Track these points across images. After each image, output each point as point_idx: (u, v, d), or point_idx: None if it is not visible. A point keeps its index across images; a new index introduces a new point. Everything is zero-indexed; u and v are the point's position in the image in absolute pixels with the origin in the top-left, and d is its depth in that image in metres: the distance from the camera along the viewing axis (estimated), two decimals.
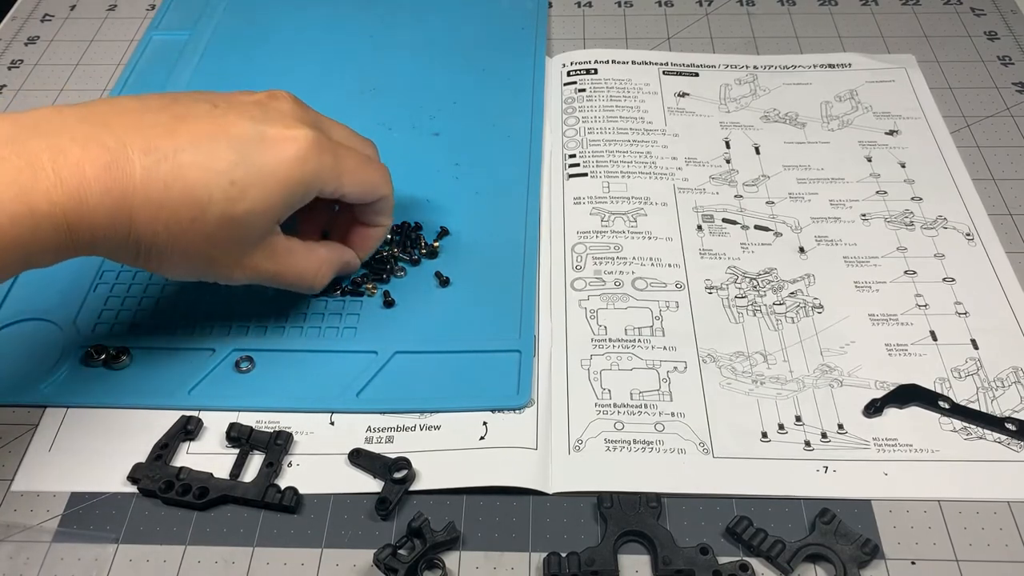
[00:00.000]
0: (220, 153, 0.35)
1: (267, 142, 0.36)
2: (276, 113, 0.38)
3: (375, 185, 0.42)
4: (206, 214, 0.35)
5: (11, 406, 0.42)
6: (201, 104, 0.37)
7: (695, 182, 0.51)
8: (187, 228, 0.35)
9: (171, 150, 0.34)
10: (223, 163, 0.35)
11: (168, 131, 0.35)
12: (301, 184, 0.37)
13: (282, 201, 0.37)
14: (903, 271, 0.46)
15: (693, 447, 0.39)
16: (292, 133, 0.37)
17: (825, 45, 0.61)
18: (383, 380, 0.42)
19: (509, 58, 0.59)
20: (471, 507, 0.38)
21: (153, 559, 0.37)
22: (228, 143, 0.36)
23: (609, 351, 0.43)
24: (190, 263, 0.37)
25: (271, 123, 0.37)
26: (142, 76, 0.59)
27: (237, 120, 0.36)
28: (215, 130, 0.36)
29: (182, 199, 0.35)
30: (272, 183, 0.36)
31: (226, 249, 0.37)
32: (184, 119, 0.36)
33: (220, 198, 0.35)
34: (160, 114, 0.36)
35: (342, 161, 0.39)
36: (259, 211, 0.36)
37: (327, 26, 0.62)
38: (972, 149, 0.53)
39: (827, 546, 0.36)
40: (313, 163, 0.37)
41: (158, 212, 0.34)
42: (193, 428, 0.40)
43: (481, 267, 0.47)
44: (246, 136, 0.36)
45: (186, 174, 0.35)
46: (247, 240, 0.38)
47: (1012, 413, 0.40)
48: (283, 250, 0.40)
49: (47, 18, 0.66)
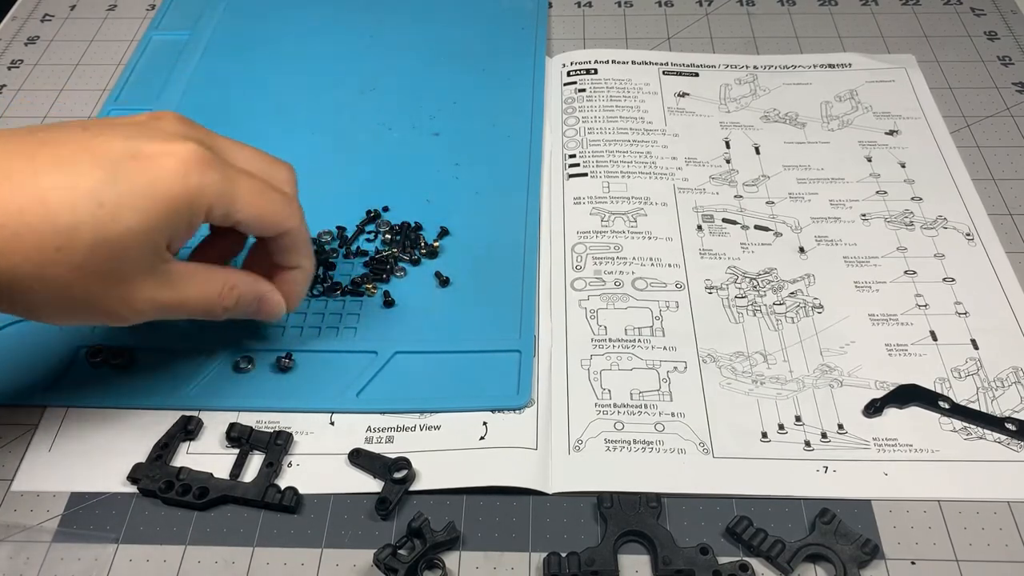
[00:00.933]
0: (86, 172, 0.32)
1: (141, 158, 0.33)
2: (155, 131, 0.34)
3: (276, 215, 0.37)
4: (73, 241, 0.31)
5: (11, 406, 0.42)
6: (71, 128, 0.34)
7: (695, 182, 0.51)
8: (53, 259, 0.31)
9: (29, 172, 0.31)
10: (89, 182, 0.31)
11: (28, 155, 0.32)
12: (183, 201, 0.33)
13: (162, 222, 0.33)
14: (903, 271, 0.46)
15: (693, 447, 0.39)
16: (170, 147, 0.33)
17: (825, 45, 0.61)
18: (383, 380, 0.42)
19: (509, 58, 0.59)
20: (471, 507, 0.38)
21: (153, 559, 0.37)
22: (95, 162, 0.32)
23: (609, 351, 0.43)
24: (66, 302, 0.33)
25: (148, 139, 0.33)
26: (142, 76, 0.59)
27: (108, 139, 0.33)
28: (81, 151, 0.32)
29: (43, 225, 0.31)
30: (148, 202, 0.32)
31: (105, 282, 0.33)
32: (47, 142, 0.32)
33: (88, 222, 0.31)
34: (23, 139, 0.32)
35: (234, 183, 0.35)
36: (135, 232, 0.32)
37: (327, 26, 0.62)
38: (972, 149, 0.53)
39: (827, 546, 0.36)
40: (195, 178, 0.33)
41: (15, 242, 0.31)
42: (193, 428, 0.40)
43: (481, 267, 0.47)
44: (117, 154, 0.33)
45: (46, 196, 0.31)
46: (129, 269, 0.33)
47: (1012, 413, 0.40)
48: (181, 275, 0.35)
49: (47, 18, 0.66)
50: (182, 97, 0.57)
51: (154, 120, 0.35)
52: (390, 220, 0.49)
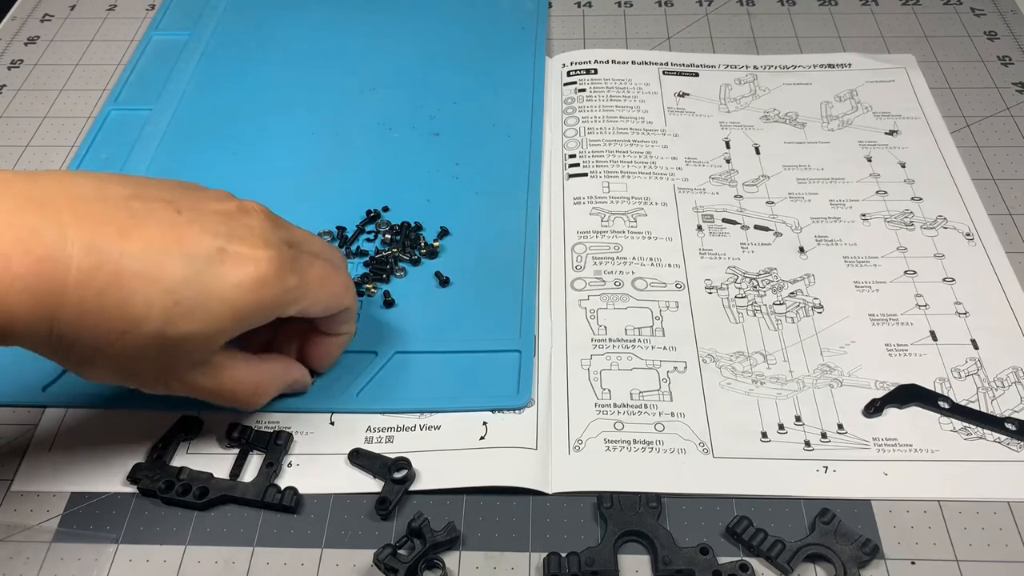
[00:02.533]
0: (170, 267, 0.32)
1: (225, 262, 0.33)
2: (244, 229, 0.34)
3: (339, 298, 0.38)
4: (139, 330, 0.32)
5: (11, 406, 0.42)
6: (165, 208, 0.33)
7: (695, 182, 0.51)
8: (115, 341, 0.32)
9: (116, 254, 0.31)
10: (171, 279, 0.31)
11: (119, 231, 0.31)
12: (259, 310, 0.34)
13: (231, 327, 0.34)
14: (903, 271, 0.46)
15: (693, 447, 0.39)
16: (255, 253, 0.33)
17: (825, 45, 0.61)
18: (383, 380, 0.42)
19: (509, 58, 0.59)
20: (471, 507, 0.38)
21: (153, 559, 0.37)
22: (181, 257, 0.32)
23: (609, 351, 0.43)
24: (114, 373, 0.34)
25: (235, 240, 0.33)
26: (142, 76, 0.59)
27: (198, 233, 0.33)
28: (171, 240, 0.32)
29: (115, 311, 0.31)
30: (223, 307, 0.33)
31: (156, 366, 0.34)
32: (141, 222, 0.32)
33: (159, 316, 0.31)
34: (117, 209, 0.32)
35: (308, 278, 0.36)
36: (201, 336, 0.33)
37: (327, 26, 0.62)
38: (972, 149, 0.53)
39: (827, 546, 0.36)
40: (273, 288, 0.34)
41: (85, 318, 0.31)
42: (193, 428, 0.40)
43: (481, 267, 0.47)
44: (205, 252, 0.32)
45: (126, 284, 0.31)
46: (182, 362, 0.34)
47: (1012, 413, 0.40)
48: (222, 366, 0.36)
49: (47, 18, 0.66)
50: (182, 97, 0.57)
51: (243, 214, 0.35)
52: (390, 220, 0.49)
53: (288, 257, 0.35)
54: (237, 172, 0.52)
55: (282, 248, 0.35)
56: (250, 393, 0.38)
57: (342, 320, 0.40)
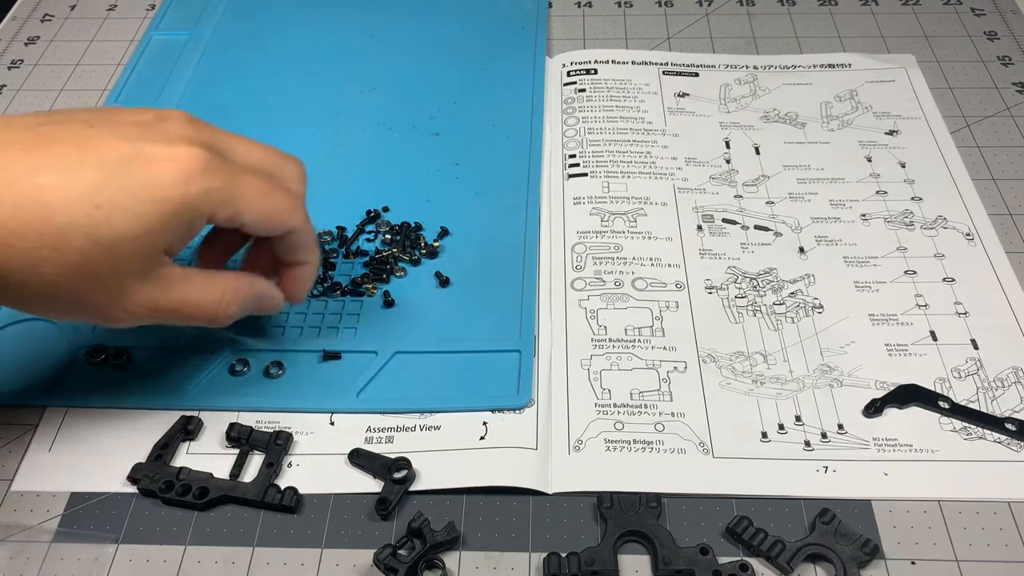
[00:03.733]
0: (85, 173, 0.31)
1: (142, 161, 0.32)
2: (159, 132, 0.34)
3: (280, 215, 0.37)
4: (67, 241, 0.31)
5: (11, 406, 0.42)
6: (74, 123, 0.33)
7: (695, 182, 0.51)
8: (46, 257, 0.31)
9: (28, 168, 0.31)
10: (87, 184, 0.31)
11: (27, 150, 0.31)
12: (184, 207, 0.33)
13: (159, 227, 0.33)
14: (903, 271, 0.46)
15: (693, 447, 0.39)
16: (174, 151, 0.33)
17: (825, 45, 0.61)
18: (383, 380, 0.42)
19: (509, 58, 0.59)
20: (471, 507, 0.38)
21: (153, 559, 0.37)
22: (96, 163, 0.32)
23: (609, 351, 0.43)
24: (58, 300, 0.33)
25: (151, 141, 0.33)
26: (142, 76, 0.59)
27: (111, 139, 0.32)
28: (82, 150, 0.32)
29: (38, 224, 0.31)
30: (145, 206, 0.32)
31: (97, 283, 0.33)
32: (49, 139, 0.32)
33: (83, 223, 0.31)
34: (25, 133, 0.32)
35: (238, 185, 0.35)
36: (131, 236, 0.32)
37: (327, 26, 0.62)
38: (972, 149, 0.53)
39: (827, 546, 0.36)
40: (196, 185, 0.33)
41: (10, 238, 0.30)
42: (193, 428, 0.40)
43: (481, 267, 0.47)
44: (118, 155, 0.32)
45: (43, 195, 0.31)
46: (124, 272, 0.33)
47: (1012, 413, 0.40)
48: (178, 280, 0.35)
49: (47, 18, 0.66)
50: (182, 97, 0.57)
51: (160, 120, 0.35)
52: (390, 220, 0.49)
53: (212, 157, 0.34)
54: None
55: (205, 149, 0.34)
56: (214, 305, 0.37)
57: (296, 246, 0.39)
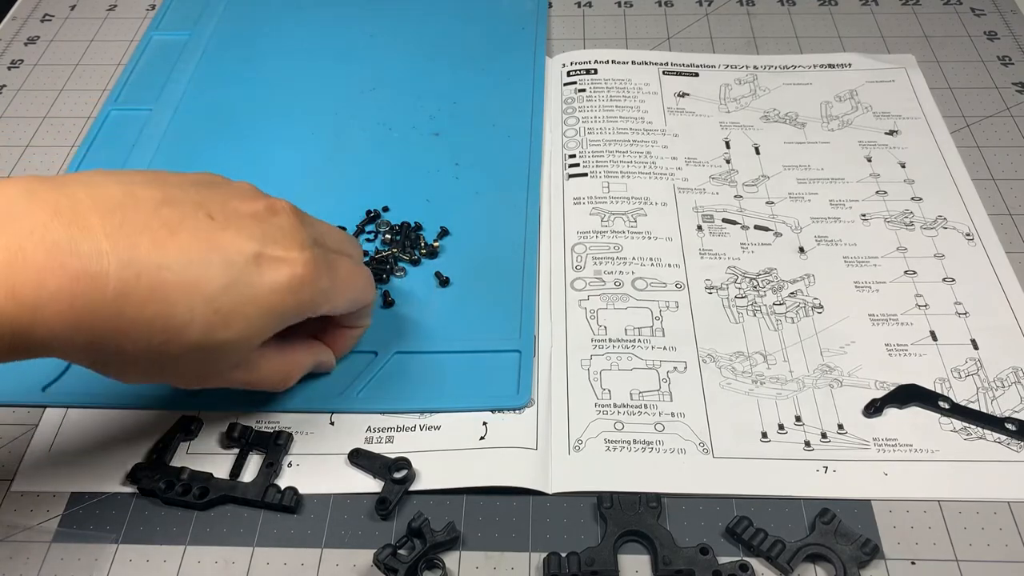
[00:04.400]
0: (210, 276, 0.32)
1: (263, 267, 0.33)
2: (277, 232, 0.34)
3: (364, 293, 0.39)
4: (181, 338, 0.32)
5: (11, 406, 0.42)
6: (197, 213, 0.33)
7: (695, 182, 0.51)
8: (155, 349, 0.32)
9: (154, 266, 0.30)
10: (211, 288, 0.31)
11: (154, 242, 0.31)
12: (296, 311, 0.35)
13: (270, 329, 0.34)
14: (903, 271, 0.46)
15: (693, 447, 0.39)
16: (290, 256, 0.34)
17: (825, 45, 0.61)
18: (383, 380, 0.42)
19: (509, 58, 0.59)
20: (471, 507, 0.38)
21: (153, 559, 0.37)
22: (220, 265, 0.32)
23: (609, 351, 0.43)
24: (154, 377, 0.35)
25: (269, 243, 0.33)
26: (142, 76, 0.59)
27: (233, 239, 0.33)
28: (208, 248, 0.32)
29: (156, 322, 0.31)
30: (261, 312, 0.33)
31: (199, 369, 0.34)
32: (175, 230, 0.31)
33: (200, 325, 0.32)
34: (149, 217, 0.31)
35: (336, 279, 0.36)
36: (242, 339, 0.33)
37: (327, 26, 0.62)
38: (972, 149, 0.53)
39: (827, 546, 0.36)
40: (308, 289, 0.34)
41: (126, 331, 0.31)
42: (193, 428, 0.40)
43: (481, 267, 0.47)
44: (240, 258, 0.32)
45: (166, 295, 0.31)
46: (222, 363, 0.35)
47: (1012, 413, 0.40)
48: (260, 361, 0.37)
49: (47, 18, 0.66)
50: (182, 97, 0.57)
51: (272, 215, 0.35)
52: (390, 220, 0.49)
53: (321, 258, 0.35)
54: (237, 172, 0.52)
55: (314, 249, 0.35)
56: (281, 378, 0.39)
57: (363, 314, 0.41)
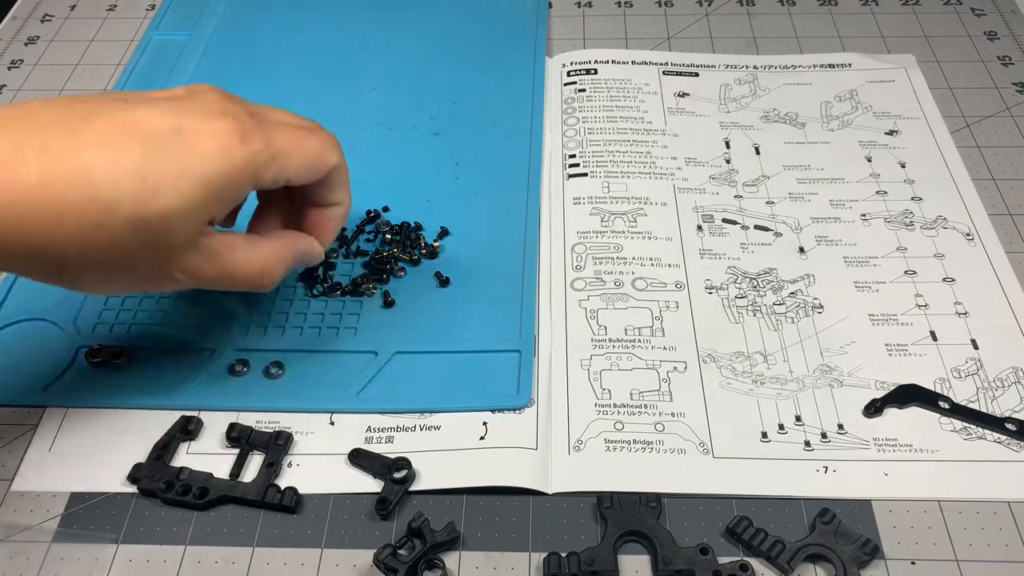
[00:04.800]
0: (130, 149, 0.32)
1: (183, 136, 0.33)
2: (195, 105, 0.34)
3: (319, 156, 0.37)
4: (115, 217, 0.31)
5: (11, 406, 0.42)
6: (111, 101, 0.33)
7: (695, 182, 0.51)
8: (95, 234, 0.32)
9: (71, 149, 0.31)
10: (133, 160, 0.32)
11: (69, 129, 0.31)
12: (229, 181, 0.34)
13: (206, 200, 0.33)
14: (903, 271, 0.46)
15: (693, 447, 0.39)
16: (212, 125, 0.33)
17: (825, 45, 0.61)
18: (383, 380, 0.42)
19: (509, 58, 0.59)
20: (471, 507, 0.38)
21: (153, 559, 0.37)
22: (139, 139, 0.32)
23: (609, 351, 0.43)
24: (107, 274, 0.34)
25: (189, 116, 0.33)
26: (142, 76, 0.59)
27: (150, 115, 0.33)
28: (124, 127, 0.32)
29: (86, 202, 0.31)
30: (192, 180, 0.32)
31: (146, 255, 0.33)
32: (89, 117, 0.32)
33: (130, 198, 0.31)
34: (63, 112, 0.32)
35: (276, 141, 0.35)
36: (178, 211, 0.32)
37: (327, 26, 0.62)
38: (972, 149, 0.53)
39: (827, 546, 0.36)
40: (240, 154, 0.34)
41: (60, 219, 0.31)
42: (193, 428, 0.40)
43: (481, 267, 0.47)
44: (159, 130, 0.32)
45: (89, 173, 0.31)
46: (171, 244, 0.34)
47: (1012, 413, 0.40)
48: (223, 249, 0.36)
49: (47, 18, 0.66)
50: None
51: (193, 95, 0.35)
52: (390, 220, 0.49)
53: (248, 122, 0.34)
54: None
55: (241, 116, 0.34)
56: (258, 272, 0.37)
57: (331, 185, 0.40)
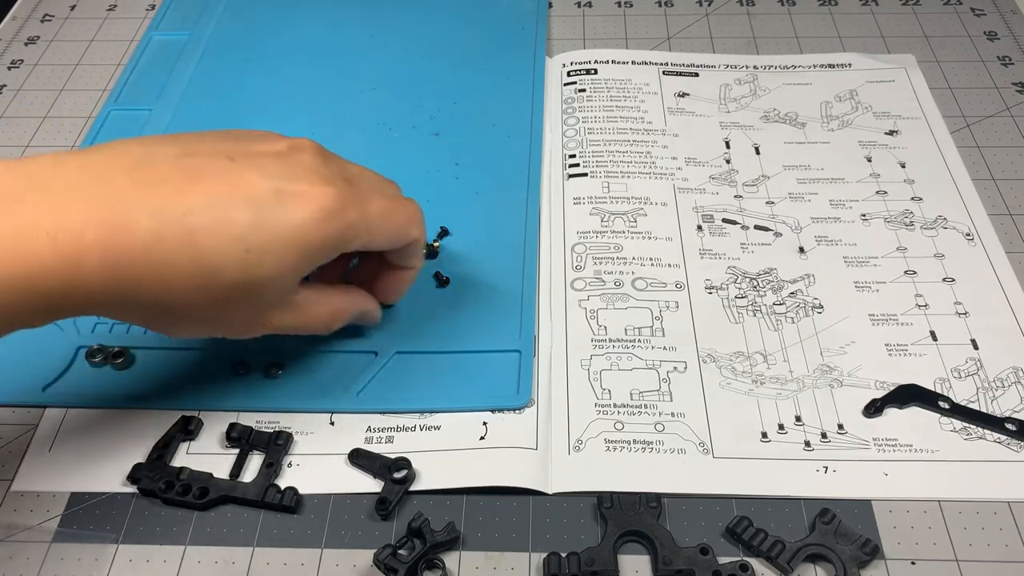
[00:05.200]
0: (235, 216, 0.32)
1: (286, 202, 0.33)
2: (299, 168, 0.35)
3: (405, 229, 0.39)
4: (217, 281, 0.32)
5: (11, 406, 0.42)
6: (217, 159, 0.34)
7: (695, 182, 0.51)
8: (195, 295, 0.33)
9: (180, 212, 0.31)
10: (238, 227, 0.32)
11: (178, 190, 0.32)
12: (324, 246, 0.35)
13: (303, 264, 0.35)
14: (903, 271, 0.46)
15: (693, 447, 0.39)
16: (314, 191, 0.34)
17: (825, 45, 0.61)
18: (383, 380, 0.42)
19: (509, 58, 0.59)
20: (471, 507, 0.38)
21: (153, 559, 0.37)
22: (244, 205, 0.33)
23: (609, 351, 0.43)
24: (201, 326, 0.35)
25: (292, 180, 0.34)
26: (142, 76, 0.59)
27: (256, 178, 0.33)
28: (230, 189, 0.33)
29: (191, 267, 0.32)
30: (292, 247, 0.33)
31: (242, 312, 0.35)
32: (196, 176, 0.33)
33: (233, 265, 0.32)
34: (170, 168, 0.33)
35: (369, 212, 0.36)
36: (277, 277, 0.34)
37: (327, 26, 0.62)
38: (972, 149, 0.53)
39: (827, 546, 0.36)
40: (337, 222, 0.34)
41: (163, 279, 0.32)
42: (193, 428, 0.40)
43: (481, 267, 0.47)
44: (264, 196, 0.33)
45: (196, 238, 0.32)
46: (264, 303, 0.35)
47: (1012, 413, 0.40)
48: (304, 303, 0.37)
49: (47, 18, 0.66)
50: (182, 97, 0.57)
51: (294, 152, 0.35)
52: None
53: (347, 190, 0.35)
54: None
55: (339, 182, 0.35)
56: (328, 321, 0.39)
57: (410, 253, 0.41)
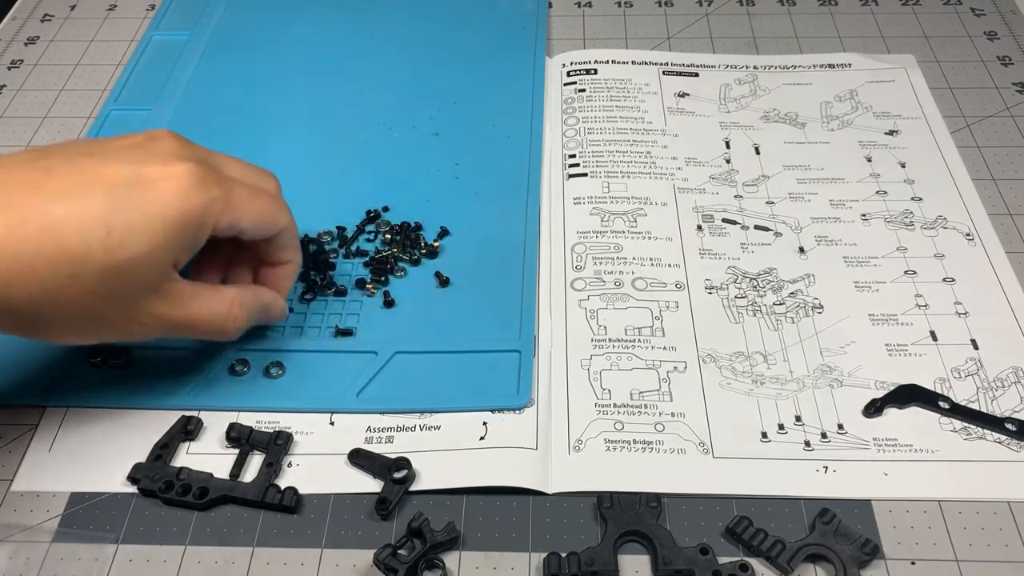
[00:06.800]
0: (93, 201, 0.33)
1: (144, 183, 0.34)
2: (155, 153, 0.35)
3: (273, 216, 0.39)
4: (85, 267, 0.33)
5: (11, 406, 0.42)
6: (72, 156, 0.34)
7: (695, 182, 0.51)
8: (66, 284, 0.33)
9: (37, 205, 0.32)
10: (97, 210, 0.33)
11: (35, 185, 0.33)
12: (189, 222, 0.35)
13: (170, 243, 0.34)
14: (903, 271, 0.46)
15: (693, 447, 0.39)
16: (171, 170, 0.34)
17: (825, 45, 0.61)
18: (383, 380, 0.42)
19: (509, 58, 0.59)
20: (471, 507, 0.38)
21: (153, 559, 0.37)
22: (102, 189, 0.33)
23: (609, 351, 0.43)
24: (78, 324, 0.35)
25: (148, 162, 0.35)
26: (142, 76, 0.59)
27: (111, 165, 0.34)
28: (87, 179, 0.33)
29: (56, 255, 0.32)
30: (155, 225, 0.34)
31: (115, 303, 0.34)
32: (51, 172, 0.33)
33: (98, 248, 0.32)
34: (26, 167, 0.33)
35: (233, 193, 0.36)
36: (145, 256, 0.34)
37: (327, 26, 0.62)
38: (972, 149, 0.53)
39: (827, 546, 0.36)
40: (199, 198, 0.35)
41: (31, 271, 0.32)
42: (193, 428, 0.40)
43: (481, 267, 0.47)
44: (121, 180, 0.34)
45: (58, 226, 0.32)
46: (138, 290, 0.35)
47: (1012, 413, 0.40)
48: (187, 295, 0.37)
49: (47, 18, 0.66)
50: (182, 97, 0.57)
51: (151, 141, 0.36)
52: (390, 220, 0.49)
53: (205, 169, 0.36)
54: None
55: (197, 161, 0.36)
56: (223, 318, 0.38)
57: (284, 244, 0.41)
